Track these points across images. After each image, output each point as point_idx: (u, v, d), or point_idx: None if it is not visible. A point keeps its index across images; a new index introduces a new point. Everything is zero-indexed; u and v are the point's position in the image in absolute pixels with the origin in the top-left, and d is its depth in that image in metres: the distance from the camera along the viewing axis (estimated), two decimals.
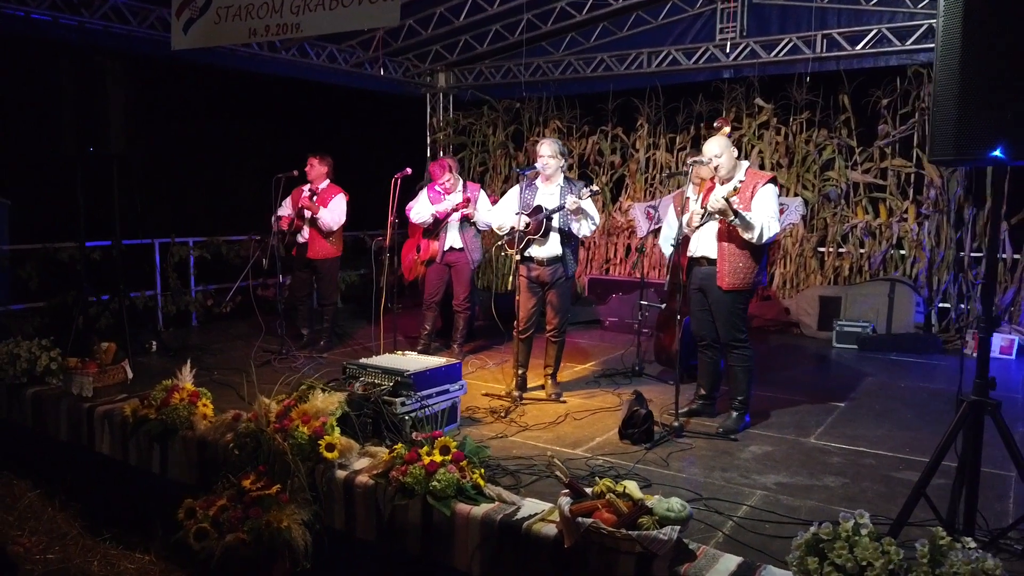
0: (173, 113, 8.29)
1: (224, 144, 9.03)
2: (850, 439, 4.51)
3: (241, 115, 9.29)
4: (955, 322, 7.53)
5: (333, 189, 6.37)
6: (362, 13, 4.03)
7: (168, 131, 8.22)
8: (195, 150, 8.74)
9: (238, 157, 9.30)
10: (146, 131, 7.29)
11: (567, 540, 3.08)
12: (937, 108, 2.74)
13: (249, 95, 9.27)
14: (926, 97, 7.49)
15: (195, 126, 8.71)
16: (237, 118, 9.22)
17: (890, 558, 2.47)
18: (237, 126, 9.25)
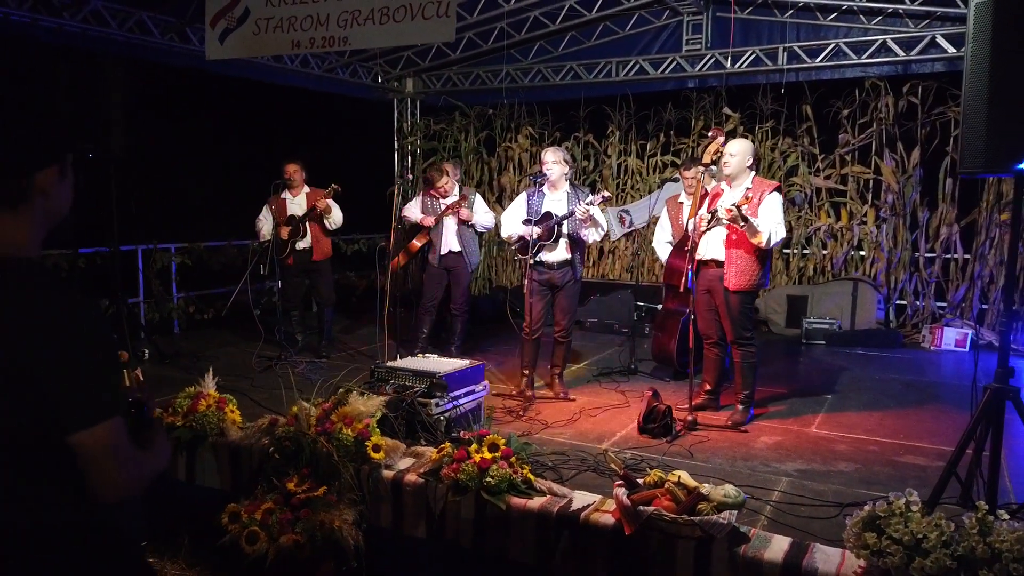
0: (144, 116, 8.14)
1: (195, 147, 8.90)
2: (848, 428, 4.85)
3: (207, 118, 9.17)
4: (911, 317, 8.06)
5: (317, 191, 6.43)
6: (416, 29, 4.12)
7: (140, 134, 8.08)
8: (164, 154, 8.60)
9: (205, 161, 9.18)
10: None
11: (628, 528, 3.27)
12: (967, 125, 3.05)
13: (213, 98, 9.16)
14: (883, 108, 8.00)
15: (166, 129, 8.57)
16: (203, 121, 9.11)
17: (943, 530, 2.75)
18: (202, 128, 9.13)
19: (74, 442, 1.34)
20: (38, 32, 6.65)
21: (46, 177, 1.44)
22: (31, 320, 1.33)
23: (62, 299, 1.38)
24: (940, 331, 7.52)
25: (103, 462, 1.35)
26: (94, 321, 1.40)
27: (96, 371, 1.37)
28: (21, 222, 1.42)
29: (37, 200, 1.43)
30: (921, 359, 7.14)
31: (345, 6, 4.31)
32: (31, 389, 1.32)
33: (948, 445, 4.44)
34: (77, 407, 1.34)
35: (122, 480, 1.38)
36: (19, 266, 1.39)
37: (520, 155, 9.95)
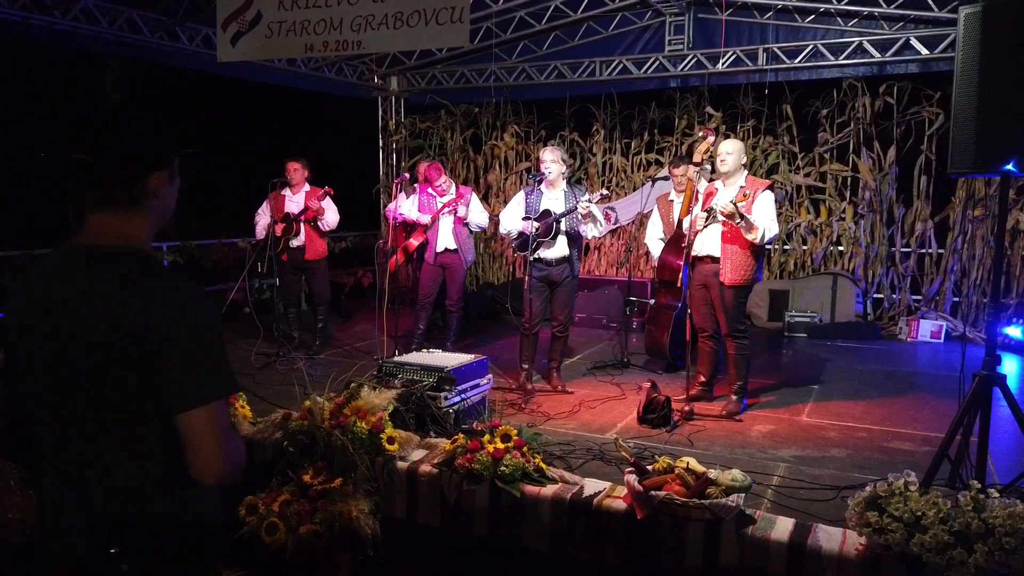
0: None
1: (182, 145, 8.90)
2: (836, 416, 5.06)
3: (192, 116, 9.18)
4: (888, 310, 8.34)
5: (317, 190, 6.50)
6: (430, 34, 4.22)
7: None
8: None
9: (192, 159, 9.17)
10: None
11: (640, 512, 3.43)
12: (957, 128, 3.24)
13: (198, 96, 9.17)
14: (860, 108, 8.26)
15: None
16: (188, 118, 9.11)
17: (940, 508, 2.94)
18: (187, 126, 9.13)
19: (183, 422, 1.44)
20: (29, 30, 6.64)
21: (158, 179, 1.55)
22: (149, 305, 1.44)
23: (176, 286, 1.49)
24: (916, 323, 7.79)
25: (209, 442, 1.45)
26: (205, 306, 1.51)
27: (208, 352, 1.47)
28: (138, 220, 1.53)
29: (151, 200, 1.55)
30: (899, 350, 7.41)
31: (359, 11, 4.39)
32: (147, 370, 1.44)
33: (932, 431, 4.69)
34: (189, 387, 1.45)
35: (225, 461, 1.48)
36: (137, 257, 1.51)
37: (506, 153, 10.06)
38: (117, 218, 1.52)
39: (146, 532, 1.47)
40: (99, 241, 1.50)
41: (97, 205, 1.52)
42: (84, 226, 1.53)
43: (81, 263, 1.50)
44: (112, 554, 1.42)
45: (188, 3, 7.15)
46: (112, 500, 1.49)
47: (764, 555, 3.25)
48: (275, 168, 6.60)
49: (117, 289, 1.45)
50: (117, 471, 1.49)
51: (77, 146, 1.50)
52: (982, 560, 2.80)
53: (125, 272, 1.48)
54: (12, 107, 6.79)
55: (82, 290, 1.46)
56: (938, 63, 7.73)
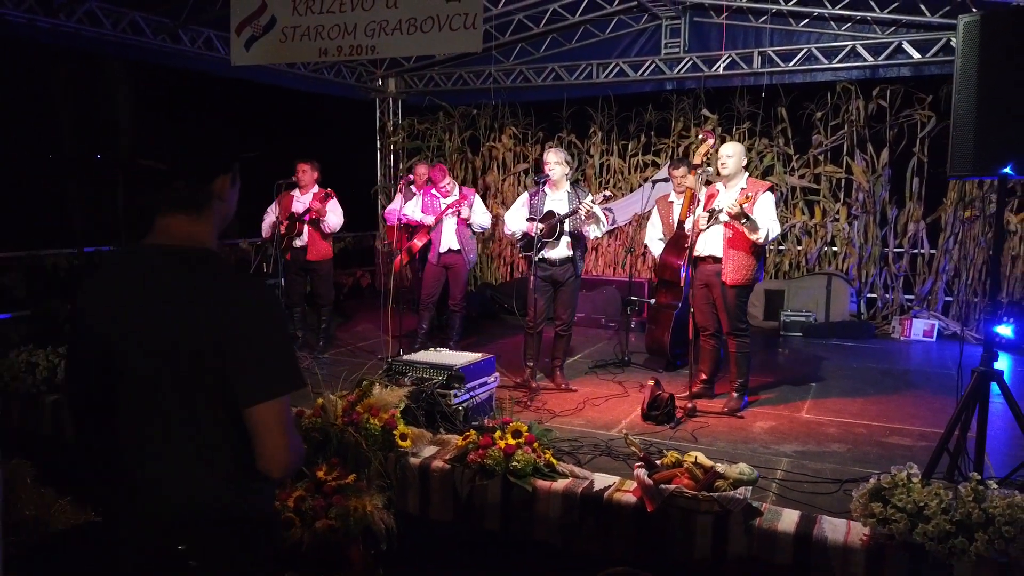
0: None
1: None
2: (834, 413, 5.18)
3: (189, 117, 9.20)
4: (882, 309, 8.48)
5: (322, 192, 6.56)
6: (444, 39, 4.29)
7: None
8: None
9: None
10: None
11: (650, 505, 3.52)
12: (956, 132, 3.36)
13: (195, 96, 9.20)
14: (853, 111, 8.39)
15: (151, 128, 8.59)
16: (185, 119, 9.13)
17: (942, 499, 3.05)
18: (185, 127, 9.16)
19: (253, 415, 1.51)
20: (34, 32, 6.69)
21: (222, 183, 1.63)
22: (221, 301, 1.52)
23: (247, 286, 1.57)
24: (909, 322, 7.94)
25: (278, 434, 1.53)
26: (274, 304, 1.59)
27: (277, 348, 1.55)
28: (204, 221, 1.61)
29: (215, 203, 1.63)
30: (893, 349, 7.55)
31: (373, 16, 4.47)
32: (218, 366, 1.51)
33: (928, 427, 4.81)
34: (260, 381, 1.52)
35: (291, 453, 1.55)
36: (206, 256, 1.59)
37: (504, 155, 10.15)
38: (185, 220, 1.59)
39: (212, 526, 1.53)
40: (169, 242, 1.58)
41: (166, 208, 1.59)
42: (153, 228, 1.60)
43: (154, 263, 1.57)
44: (180, 550, 1.49)
45: (191, 5, 7.20)
46: (181, 494, 1.55)
47: (771, 546, 3.35)
48: (274, 169, 6.66)
49: (190, 289, 1.53)
50: (186, 465, 1.55)
51: (148, 153, 1.57)
52: (983, 548, 2.91)
53: (197, 272, 1.55)
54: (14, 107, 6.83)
55: (156, 289, 1.54)
56: (930, 67, 7.88)
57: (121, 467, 1.59)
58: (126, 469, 1.58)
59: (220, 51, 8.27)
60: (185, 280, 1.54)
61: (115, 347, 1.54)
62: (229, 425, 1.53)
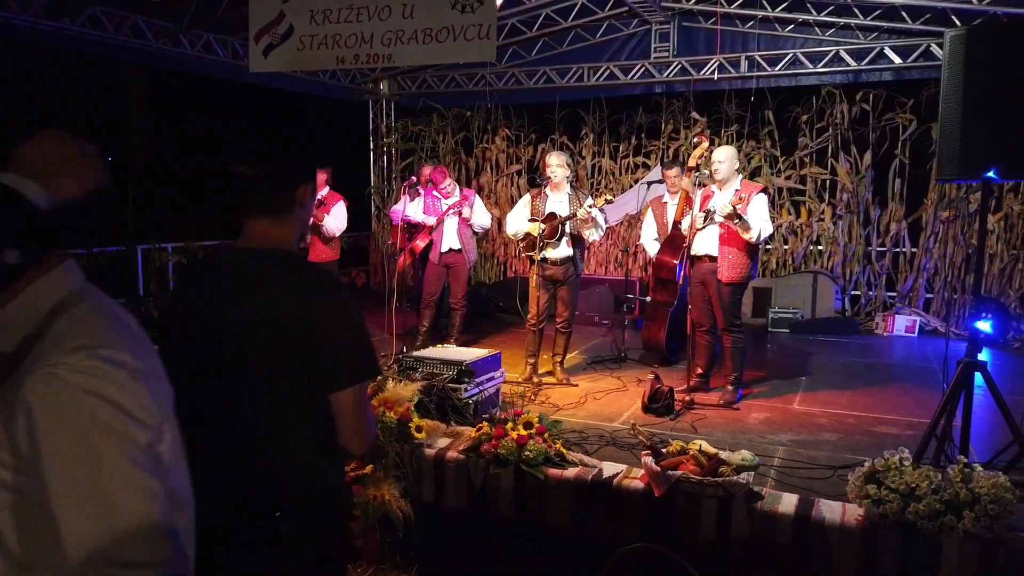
0: None
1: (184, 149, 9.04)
2: (825, 404, 5.41)
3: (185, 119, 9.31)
4: (865, 306, 8.77)
5: (333, 196, 6.70)
6: (458, 49, 4.46)
7: None
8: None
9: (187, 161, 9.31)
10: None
11: (657, 491, 3.73)
12: (943, 139, 3.59)
13: (191, 99, 9.30)
14: (838, 114, 8.67)
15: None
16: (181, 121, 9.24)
17: (932, 480, 3.28)
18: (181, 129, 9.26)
19: (337, 399, 1.69)
20: (38, 35, 6.79)
21: (304, 191, 1.80)
22: (307, 300, 1.69)
23: (331, 286, 1.75)
24: (892, 318, 8.22)
25: (358, 416, 1.71)
26: (353, 301, 1.77)
27: (358, 340, 1.73)
28: (287, 226, 1.78)
29: (297, 209, 1.80)
30: (877, 344, 7.82)
31: (389, 26, 4.63)
32: (308, 354, 1.68)
33: (913, 416, 5.06)
34: (343, 369, 1.70)
35: (367, 434, 1.74)
36: (294, 259, 1.77)
37: (497, 156, 10.34)
38: (272, 224, 1.76)
39: (302, 496, 1.71)
40: (259, 244, 1.75)
41: (255, 213, 1.76)
42: (244, 231, 1.77)
43: (249, 264, 1.74)
44: (276, 518, 1.66)
45: (194, 10, 7.32)
46: (272, 471, 1.71)
47: (772, 527, 3.56)
48: None
49: (283, 287, 1.69)
50: (276, 445, 1.72)
51: (241, 161, 1.74)
52: (970, 525, 3.14)
53: (288, 272, 1.73)
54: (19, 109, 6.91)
55: (253, 287, 1.70)
56: (911, 71, 8.16)
57: (216, 444, 1.73)
58: (222, 447, 1.73)
59: (219, 54, 8.40)
60: (280, 282, 1.70)
61: (215, 338, 1.70)
62: (314, 408, 1.71)
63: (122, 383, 1.08)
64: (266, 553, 1.69)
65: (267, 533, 1.67)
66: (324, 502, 1.78)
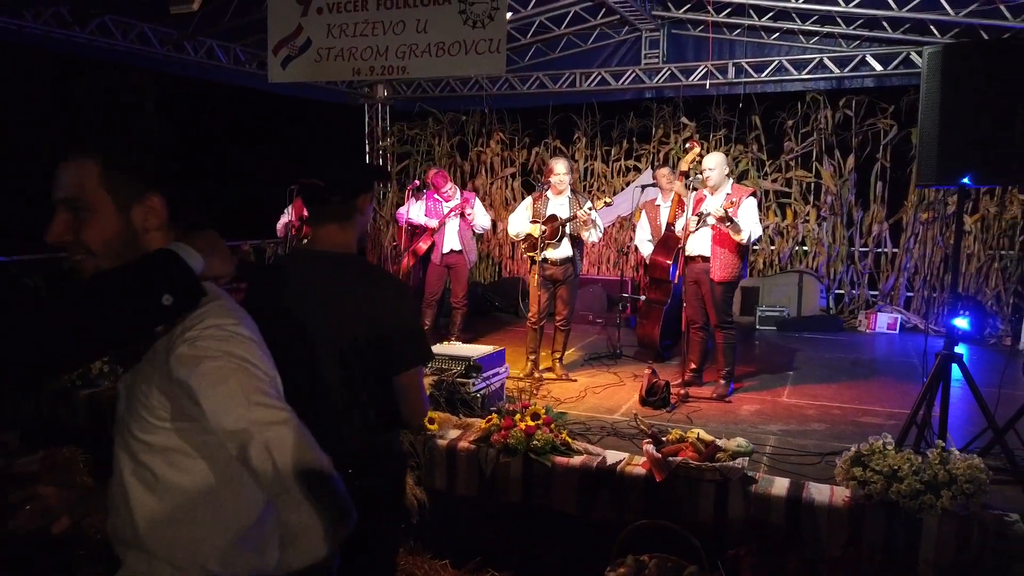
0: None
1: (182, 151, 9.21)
2: (812, 397, 5.71)
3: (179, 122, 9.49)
4: (849, 304, 9.10)
5: None
6: (469, 62, 4.70)
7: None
8: None
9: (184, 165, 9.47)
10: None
11: (658, 476, 3.99)
12: (922, 147, 3.88)
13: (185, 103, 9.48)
14: (822, 119, 8.99)
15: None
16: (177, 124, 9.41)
17: (912, 463, 3.56)
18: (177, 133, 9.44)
19: (401, 380, 1.96)
20: (50, 43, 6.96)
21: (364, 200, 2.05)
22: (379, 297, 1.95)
23: (394, 284, 2.01)
24: (874, 316, 8.55)
25: (416, 396, 1.98)
26: (411, 296, 2.02)
27: (417, 330, 1.99)
28: (350, 231, 2.03)
29: (358, 216, 2.04)
30: (860, 340, 8.15)
31: (404, 40, 4.86)
32: (377, 342, 1.94)
33: (895, 408, 5.36)
34: (407, 355, 1.97)
35: (424, 409, 2.01)
36: (359, 261, 2.02)
37: (492, 159, 10.59)
38: (337, 229, 2.01)
39: (370, 457, 1.98)
40: (327, 248, 2.01)
41: (322, 219, 2.01)
42: (312, 236, 2.02)
43: (320, 265, 2.00)
44: (349, 473, 1.92)
45: (199, 18, 7.51)
46: (350, 437, 1.99)
47: (766, 508, 3.83)
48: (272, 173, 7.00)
49: (355, 286, 1.96)
50: (354, 417, 1.99)
51: (311, 173, 1.98)
52: (947, 503, 3.42)
53: (358, 273, 2.00)
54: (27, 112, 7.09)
55: (327, 286, 1.96)
56: (891, 78, 8.48)
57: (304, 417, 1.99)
58: (307, 420, 1.98)
59: (221, 60, 8.59)
60: (351, 281, 1.97)
61: (298, 331, 1.95)
62: (377, 388, 1.97)
63: (245, 345, 1.38)
64: None
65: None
66: (389, 463, 2.09)
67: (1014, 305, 8.21)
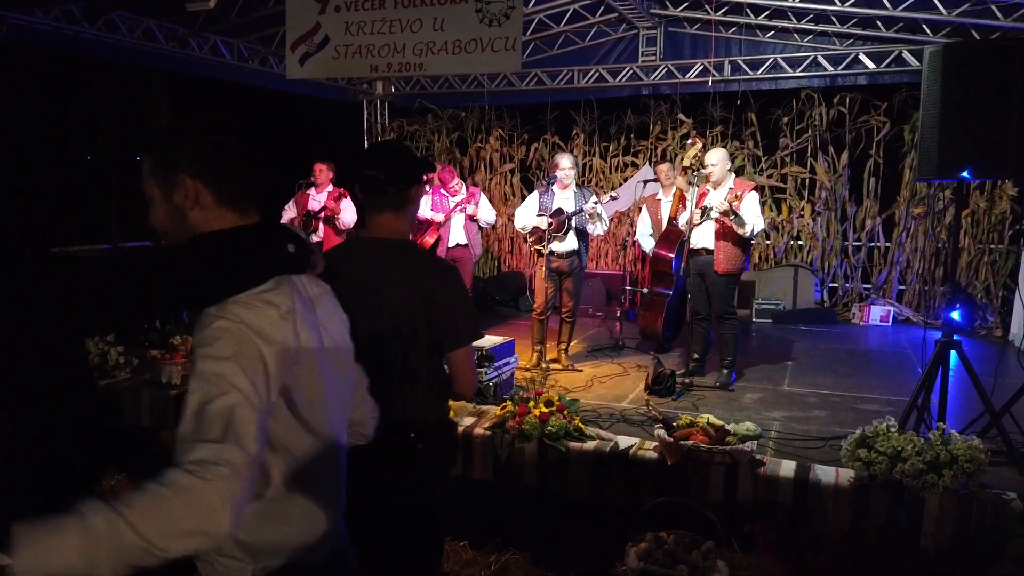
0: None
1: None
2: (812, 386, 5.88)
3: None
4: (843, 297, 9.30)
5: (337, 191, 7.06)
6: (485, 60, 4.82)
7: None
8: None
9: None
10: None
11: (670, 459, 4.14)
12: (923, 143, 4.04)
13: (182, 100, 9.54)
14: (816, 116, 9.18)
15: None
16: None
17: (915, 443, 3.73)
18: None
19: (454, 357, 2.12)
20: (59, 40, 7.03)
21: (416, 191, 2.19)
22: (433, 280, 2.09)
23: (443, 266, 2.15)
24: (867, 309, 8.75)
25: (468, 370, 2.14)
26: (461, 278, 2.17)
27: (468, 310, 2.14)
28: (403, 219, 2.17)
29: (410, 207, 2.18)
30: (854, 332, 8.34)
31: (420, 38, 4.98)
32: (433, 321, 2.09)
33: (892, 395, 5.54)
34: (459, 333, 2.13)
35: (475, 382, 2.16)
36: (412, 246, 2.17)
37: (491, 155, 10.72)
38: (392, 218, 2.16)
39: (429, 425, 2.15)
40: (387, 235, 2.15)
41: (379, 209, 2.15)
42: (369, 224, 2.16)
43: (378, 250, 2.15)
44: (411, 438, 2.09)
45: (205, 15, 7.60)
46: (410, 406, 2.14)
47: (774, 489, 3.99)
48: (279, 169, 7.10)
49: (411, 269, 2.11)
50: (413, 389, 2.14)
51: (370, 166, 2.12)
52: (949, 482, 3.59)
53: (412, 258, 2.15)
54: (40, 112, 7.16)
55: (385, 270, 2.11)
56: (884, 76, 8.66)
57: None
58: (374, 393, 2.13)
59: (225, 56, 8.67)
60: (407, 265, 2.12)
61: (356, 312, 2.08)
62: (432, 363, 2.12)
63: (271, 319, 1.40)
64: (407, 464, 2.16)
65: (407, 449, 2.12)
66: (444, 428, 2.27)
67: (1003, 298, 8.43)
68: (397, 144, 2.27)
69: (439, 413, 2.26)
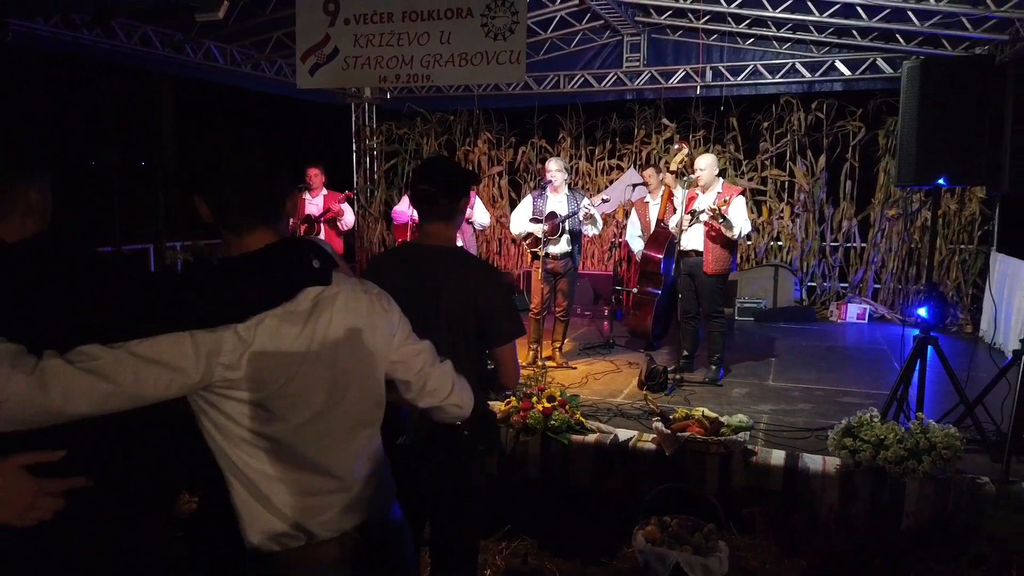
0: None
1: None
2: (795, 380, 6.16)
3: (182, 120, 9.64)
4: (821, 296, 9.64)
5: (334, 194, 7.23)
6: (490, 71, 5.03)
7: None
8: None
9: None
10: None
11: (668, 450, 4.38)
12: (902, 151, 4.32)
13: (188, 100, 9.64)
14: (795, 121, 9.50)
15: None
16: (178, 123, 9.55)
17: (897, 432, 4.01)
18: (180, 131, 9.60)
19: (499, 352, 2.33)
20: (57, 44, 7.13)
21: (464, 202, 2.40)
22: (479, 281, 2.31)
23: (489, 270, 2.37)
24: (844, 307, 9.08)
25: (512, 364, 2.35)
26: (505, 281, 2.39)
27: (512, 309, 2.36)
28: (452, 228, 2.39)
29: (457, 216, 2.39)
30: (832, 330, 8.67)
31: (428, 50, 5.17)
32: (481, 319, 2.31)
33: (871, 388, 5.83)
34: (504, 330, 2.34)
35: (517, 376, 2.38)
36: (461, 252, 2.38)
37: (479, 158, 10.92)
38: (443, 227, 2.37)
39: (473, 415, 2.34)
40: (438, 242, 2.36)
41: (431, 219, 2.36)
42: (422, 231, 2.37)
43: (429, 256, 2.36)
44: (458, 424, 2.29)
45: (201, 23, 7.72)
46: None
47: (766, 476, 4.25)
48: None
49: (460, 271, 2.31)
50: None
51: (424, 180, 2.33)
52: (928, 468, 3.86)
53: (460, 262, 2.36)
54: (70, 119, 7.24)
55: (435, 273, 2.31)
56: (859, 83, 9.01)
57: None
58: None
59: (218, 60, 8.80)
60: (457, 268, 2.32)
61: (409, 310, 2.28)
62: (477, 358, 2.34)
63: (369, 303, 1.70)
64: (453, 448, 2.36)
65: (454, 435, 2.31)
66: (487, 419, 2.50)
67: (973, 295, 8.81)
68: (447, 160, 2.49)
69: (482, 402, 2.47)
